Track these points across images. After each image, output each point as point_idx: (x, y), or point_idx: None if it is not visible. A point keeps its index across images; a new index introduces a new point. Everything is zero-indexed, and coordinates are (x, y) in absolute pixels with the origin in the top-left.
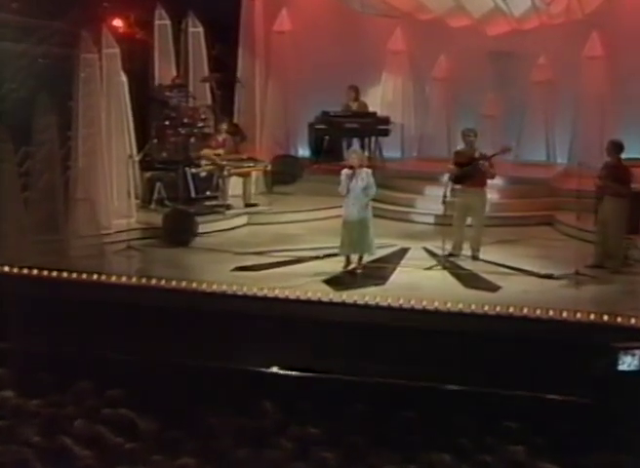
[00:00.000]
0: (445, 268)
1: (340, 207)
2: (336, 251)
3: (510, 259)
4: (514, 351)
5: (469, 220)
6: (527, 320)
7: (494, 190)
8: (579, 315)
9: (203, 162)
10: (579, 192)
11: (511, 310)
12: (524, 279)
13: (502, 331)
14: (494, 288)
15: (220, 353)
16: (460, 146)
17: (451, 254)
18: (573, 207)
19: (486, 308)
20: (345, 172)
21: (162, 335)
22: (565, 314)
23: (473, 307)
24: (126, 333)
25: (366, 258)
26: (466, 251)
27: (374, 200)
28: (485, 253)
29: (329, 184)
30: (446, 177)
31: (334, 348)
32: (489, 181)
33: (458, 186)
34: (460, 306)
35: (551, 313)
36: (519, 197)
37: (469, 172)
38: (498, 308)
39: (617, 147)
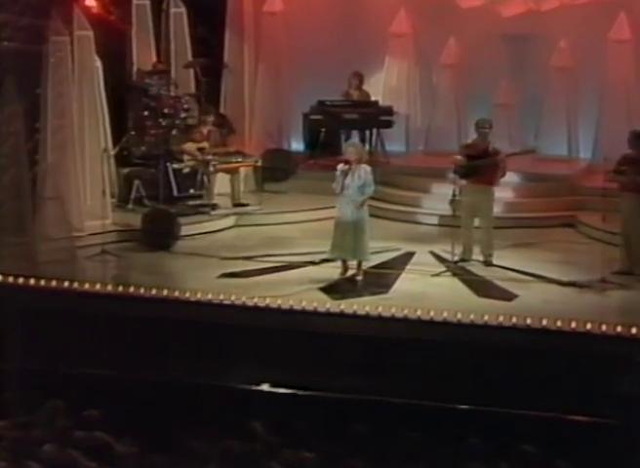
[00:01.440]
0: (455, 275)
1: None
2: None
3: (528, 265)
4: (532, 367)
5: (477, 222)
6: (547, 332)
7: (508, 188)
8: (604, 327)
9: (186, 157)
10: (604, 190)
11: (529, 321)
12: (543, 287)
13: (519, 345)
14: (509, 296)
15: (205, 369)
16: (472, 139)
17: (461, 260)
18: (597, 206)
19: (501, 319)
20: (341, 167)
21: (141, 349)
22: (589, 326)
23: (486, 318)
24: (101, 347)
25: (366, 264)
26: (478, 255)
27: (375, 199)
28: (499, 259)
29: (326, 181)
30: (455, 175)
31: (331, 363)
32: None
33: (463, 182)
34: (472, 317)
35: (574, 325)
36: (537, 196)
37: (479, 166)
38: (514, 319)
39: (638, 138)
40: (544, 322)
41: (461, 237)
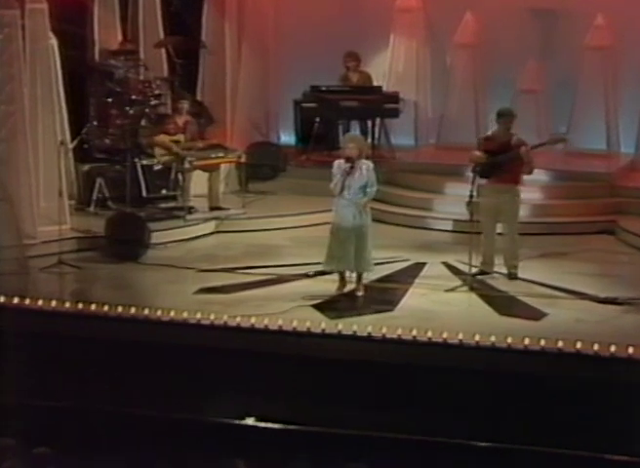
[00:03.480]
0: (472, 290)
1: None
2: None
3: (559, 278)
4: (564, 398)
5: (500, 227)
6: (581, 358)
7: (536, 188)
8: None
9: (158, 151)
10: None
11: (561, 345)
12: (577, 304)
13: (548, 373)
14: (537, 315)
15: (180, 400)
16: (493, 130)
17: (480, 272)
18: None
19: (527, 342)
20: (339, 164)
21: (104, 378)
22: (631, 350)
23: (510, 341)
24: (57, 375)
25: (367, 277)
26: (500, 267)
27: (378, 200)
28: (525, 271)
29: (321, 180)
30: (474, 173)
31: (326, 393)
32: (526, 177)
33: (483, 181)
34: (493, 339)
35: (613, 349)
36: (570, 197)
37: (502, 162)
38: (542, 342)
39: None
40: (579, 345)
41: (481, 245)
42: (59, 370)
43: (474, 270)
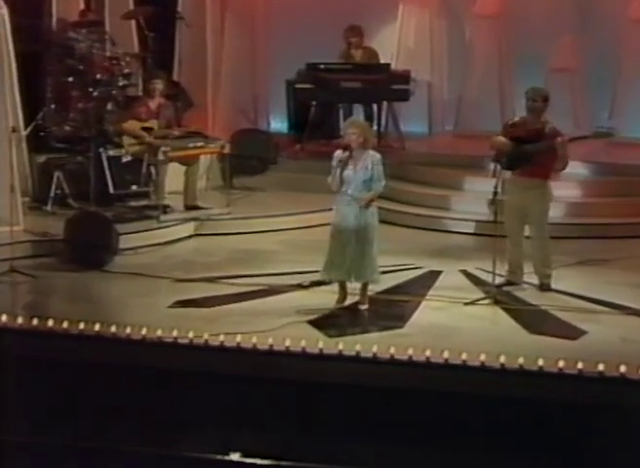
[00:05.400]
0: (497, 303)
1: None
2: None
3: (599, 290)
4: (606, 429)
5: (527, 230)
6: (626, 382)
7: (573, 183)
8: None
9: (127, 140)
10: None
11: (601, 368)
12: (621, 320)
13: (588, 400)
14: (574, 333)
15: (154, 432)
16: (521, 115)
17: (506, 282)
18: None
19: (561, 365)
20: (339, 155)
21: (64, 405)
22: None
23: (541, 363)
24: (9, 401)
25: (373, 288)
26: (530, 276)
27: (386, 198)
28: (560, 281)
29: (318, 174)
30: (499, 167)
31: (325, 424)
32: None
33: (507, 174)
34: (521, 361)
35: None
36: (612, 194)
37: (531, 154)
38: (580, 365)
39: None
40: (622, 369)
41: (507, 251)
42: (7, 396)
43: (499, 280)
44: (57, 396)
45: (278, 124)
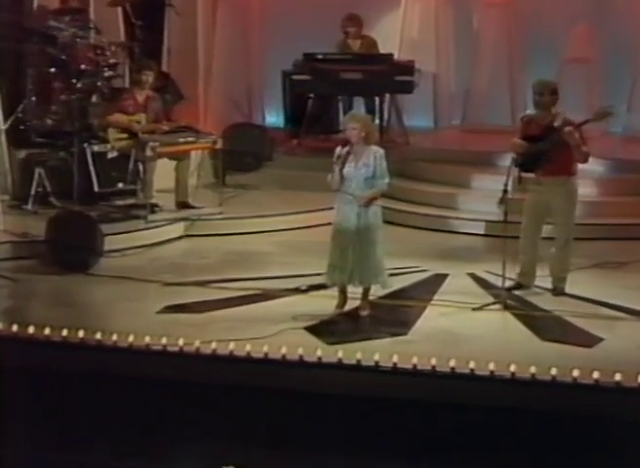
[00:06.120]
0: (507, 308)
1: (333, 208)
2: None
3: (617, 294)
4: (625, 443)
5: (545, 230)
6: None
7: (589, 181)
8: None
9: (112, 135)
10: None
11: (619, 378)
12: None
13: (605, 412)
14: (589, 341)
15: (141, 448)
16: (529, 111)
17: (517, 285)
18: None
19: (576, 374)
20: (339, 151)
21: (46, 419)
22: None
23: (554, 372)
24: None
25: (375, 292)
26: (542, 279)
27: (389, 197)
28: (575, 285)
29: (316, 171)
30: (509, 163)
31: (324, 437)
32: (579, 166)
33: (528, 175)
34: (533, 370)
35: None
36: (631, 193)
37: (544, 150)
38: (596, 375)
39: None
40: None
41: (520, 252)
42: None
43: (509, 283)
44: (38, 407)
45: (274, 118)
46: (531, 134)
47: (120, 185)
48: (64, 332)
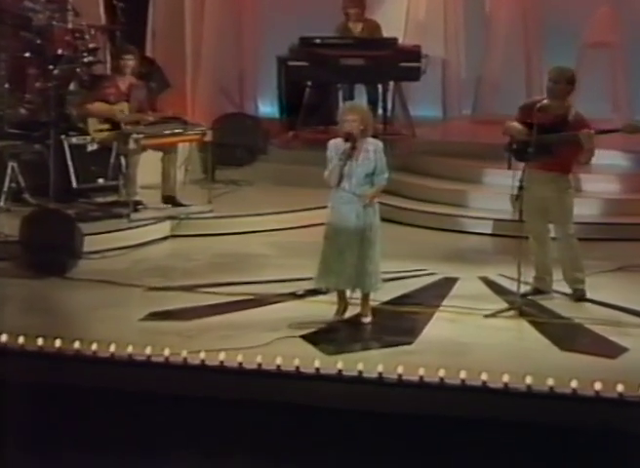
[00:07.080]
0: (522, 315)
1: None
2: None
3: None
4: None
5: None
6: None
7: (609, 177)
8: None
9: (93, 126)
10: None
11: None
12: None
13: (629, 427)
14: (612, 351)
15: (126, 461)
16: (539, 97)
17: (534, 290)
18: None
19: (598, 387)
20: (335, 144)
21: (21, 430)
22: None
23: (575, 385)
24: None
25: (376, 297)
26: (561, 283)
27: (392, 193)
28: (596, 290)
29: (313, 166)
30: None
31: (322, 455)
32: (595, 162)
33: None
34: (551, 383)
35: None
36: None
37: (551, 144)
38: (620, 387)
39: None
40: None
41: (532, 253)
42: None
43: (525, 288)
44: (12, 422)
45: (268, 107)
46: (537, 122)
47: (100, 181)
48: (40, 342)
